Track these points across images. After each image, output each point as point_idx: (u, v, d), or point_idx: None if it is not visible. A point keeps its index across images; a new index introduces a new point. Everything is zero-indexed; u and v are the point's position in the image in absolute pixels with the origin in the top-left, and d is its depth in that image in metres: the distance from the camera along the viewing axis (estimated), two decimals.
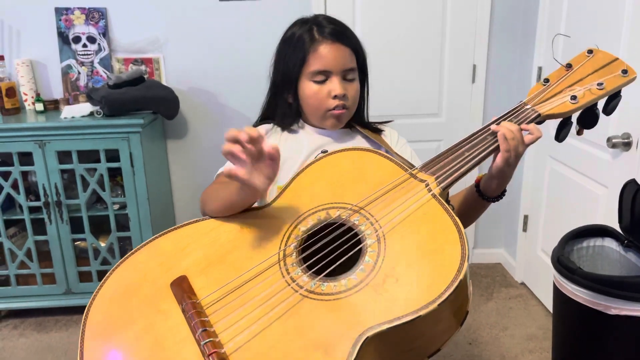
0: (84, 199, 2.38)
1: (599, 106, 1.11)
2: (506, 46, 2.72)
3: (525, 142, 1.05)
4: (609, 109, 1.11)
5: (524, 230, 2.74)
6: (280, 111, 1.29)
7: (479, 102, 2.78)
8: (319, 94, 1.21)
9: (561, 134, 1.13)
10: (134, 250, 1.03)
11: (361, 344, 0.82)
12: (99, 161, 2.34)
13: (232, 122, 2.70)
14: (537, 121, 1.09)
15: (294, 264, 0.97)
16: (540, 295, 2.62)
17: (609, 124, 1.91)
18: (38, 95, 2.57)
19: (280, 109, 1.29)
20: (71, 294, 2.50)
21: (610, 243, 1.55)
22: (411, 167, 1.10)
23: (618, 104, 1.11)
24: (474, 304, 2.61)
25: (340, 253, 0.96)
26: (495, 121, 1.09)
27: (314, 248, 0.99)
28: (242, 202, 1.04)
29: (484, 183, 1.14)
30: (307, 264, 0.97)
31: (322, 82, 1.20)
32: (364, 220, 1.00)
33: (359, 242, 0.97)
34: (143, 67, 2.65)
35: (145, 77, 2.55)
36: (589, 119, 1.11)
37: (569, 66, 1.13)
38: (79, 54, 2.60)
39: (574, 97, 1.07)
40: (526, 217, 2.72)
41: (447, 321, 0.91)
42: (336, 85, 1.19)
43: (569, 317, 1.49)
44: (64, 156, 2.34)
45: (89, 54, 2.60)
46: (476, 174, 1.19)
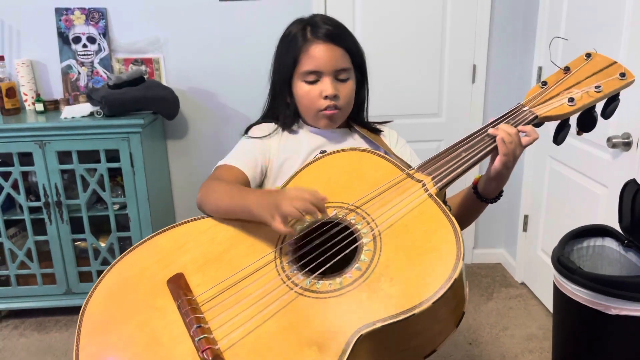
0: (84, 199, 2.38)
1: (598, 109, 1.11)
2: (506, 46, 2.72)
3: (522, 144, 1.05)
4: (608, 112, 1.11)
5: (524, 230, 2.73)
6: (280, 111, 1.30)
7: (479, 102, 2.78)
8: (310, 94, 1.21)
9: (559, 137, 1.13)
10: (132, 248, 1.04)
11: (355, 342, 0.82)
12: (99, 161, 2.34)
13: (232, 122, 2.70)
14: (535, 123, 1.09)
15: (290, 262, 0.98)
16: (541, 295, 2.61)
17: (609, 124, 1.90)
18: (38, 95, 2.57)
19: (280, 109, 1.29)
20: (71, 294, 2.50)
21: (610, 243, 1.55)
22: (408, 167, 1.10)
23: (616, 108, 1.11)
24: (474, 304, 2.60)
25: (335, 252, 0.96)
26: (493, 123, 1.09)
27: (310, 246, 0.99)
28: (245, 218, 1.04)
29: (482, 185, 1.14)
30: (303, 262, 0.97)
31: (313, 83, 1.21)
32: (360, 220, 1.00)
33: (354, 240, 0.97)
34: (143, 68, 2.65)
35: (146, 77, 2.55)
36: (587, 122, 1.12)
37: (566, 69, 1.13)
38: (79, 54, 2.60)
39: (571, 100, 1.07)
40: (526, 217, 2.71)
41: (443, 321, 0.91)
42: (327, 85, 1.19)
43: (569, 317, 1.49)
44: (64, 156, 2.34)
45: (89, 54, 2.61)
46: (473, 174, 1.19)
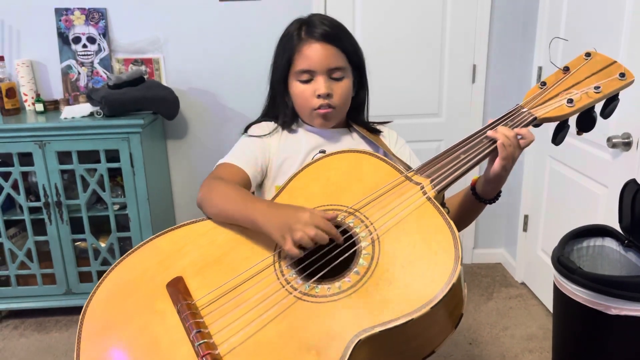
0: (84, 199, 2.38)
1: (597, 109, 1.11)
2: (506, 46, 2.72)
3: (521, 147, 1.05)
4: (607, 113, 1.10)
5: (524, 230, 2.73)
6: (279, 111, 1.30)
7: (479, 102, 2.78)
8: (304, 93, 1.22)
9: (558, 138, 1.13)
10: (131, 250, 1.04)
11: (353, 347, 0.82)
12: (99, 161, 2.34)
13: (232, 122, 2.70)
14: (534, 124, 1.09)
15: (289, 266, 0.97)
16: (541, 295, 2.61)
17: (609, 123, 1.90)
18: (38, 95, 2.57)
19: (279, 108, 1.30)
20: (71, 294, 2.51)
21: (610, 243, 1.55)
22: (407, 169, 1.09)
23: (616, 108, 1.10)
24: (474, 304, 2.60)
25: (334, 255, 0.96)
26: (492, 124, 1.08)
27: (309, 250, 0.99)
28: (247, 227, 1.04)
29: (480, 186, 1.14)
30: (302, 266, 0.97)
31: (307, 82, 1.21)
32: (359, 223, 1.00)
33: (353, 244, 0.97)
34: (143, 68, 2.65)
35: (145, 77, 2.55)
36: (586, 123, 1.11)
37: (566, 69, 1.12)
38: (79, 55, 2.60)
39: (570, 101, 1.07)
40: (526, 217, 2.71)
41: (441, 323, 0.91)
42: (320, 84, 1.19)
43: (569, 317, 1.49)
44: (64, 156, 2.34)
45: (89, 55, 2.61)
46: (472, 176, 1.19)
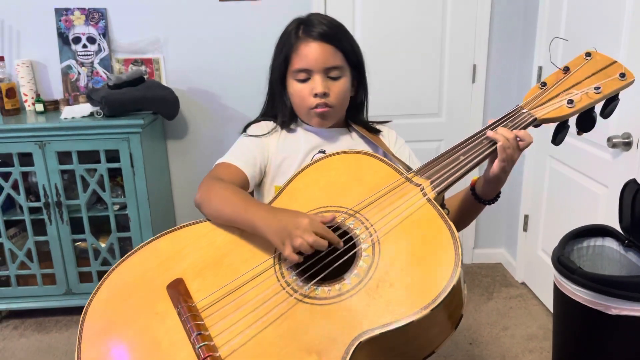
0: (84, 199, 2.38)
1: (597, 109, 1.11)
2: (506, 46, 2.72)
3: (520, 148, 1.05)
4: (606, 113, 1.10)
5: (525, 230, 2.73)
6: (278, 110, 1.30)
7: (479, 102, 2.77)
8: (301, 93, 1.22)
9: (558, 138, 1.12)
10: (131, 252, 1.04)
11: (354, 349, 0.82)
12: (99, 162, 2.34)
13: (232, 122, 2.69)
14: (534, 125, 1.08)
15: (290, 268, 0.97)
16: (541, 295, 2.61)
17: (609, 123, 1.90)
18: (38, 95, 2.57)
19: (278, 108, 1.29)
20: (71, 294, 2.50)
21: (610, 243, 1.55)
22: (407, 170, 1.09)
23: (615, 108, 1.10)
24: (474, 304, 2.60)
25: (335, 257, 0.96)
26: (492, 125, 1.08)
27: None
28: (246, 230, 1.05)
29: (480, 187, 1.14)
30: (302, 268, 0.97)
31: (304, 81, 1.21)
32: (359, 225, 1.00)
33: (353, 246, 0.97)
34: (143, 68, 2.65)
35: (145, 77, 2.55)
36: (586, 123, 1.11)
37: (566, 69, 1.12)
38: (79, 55, 2.60)
39: (570, 101, 1.06)
40: (526, 217, 2.71)
41: (441, 325, 0.91)
42: (317, 83, 1.19)
43: (569, 317, 1.49)
44: (64, 157, 2.34)
45: (89, 55, 2.60)
46: (471, 176, 1.19)
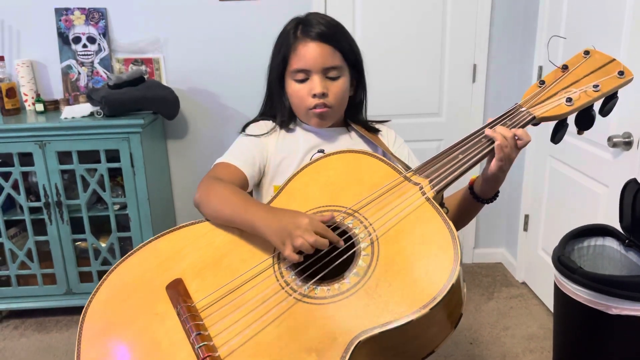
0: (84, 199, 2.38)
1: (596, 107, 1.11)
2: (507, 45, 2.71)
3: (518, 147, 1.05)
4: (605, 111, 1.10)
5: (525, 229, 2.73)
6: (276, 110, 1.30)
7: (479, 101, 2.77)
8: (300, 93, 1.21)
9: (557, 136, 1.12)
10: (131, 252, 1.04)
11: (353, 348, 0.82)
12: (99, 161, 2.34)
13: (233, 122, 2.68)
14: (533, 124, 1.08)
15: (288, 268, 0.97)
16: (541, 294, 2.61)
17: (609, 123, 1.90)
18: (38, 95, 2.57)
19: (277, 107, 1.29)
20: (72, 294, 2.50)
21: (611, 242, 1.55)
22: (406, 169, 1.09)
23: (614, 106, 1.10)
24: (474, 303, 2.60)
25: (334, 257, 0.96)
26: (490, 124, 1.08)
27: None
28: (245, 230, 1.04)
29: (478, 186, 1.14)
30: (302, 267, 0.97)
31: (303, 81, 1.20)
32: (358, 224, 1.00)
33: (352, 245, 0.97)
34: (143, 68, 2.64)
35: (146, 77, 2.55)
36: (584, 121, 1.11)
37: (564, 67, 1.12)
38: (79, 55, 2.60)
39: (569, 100, 1.06)
40: (527, 217, 2.71)
41: (440, 324, 0.91)
42: (315, 83, 1.19)
43: (569, 317, 1.49)
44: (64, 156, 2.34)
45: (89, 55, 2.60)
46: (470, 175, 1.19)
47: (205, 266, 1.00)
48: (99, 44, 2.59)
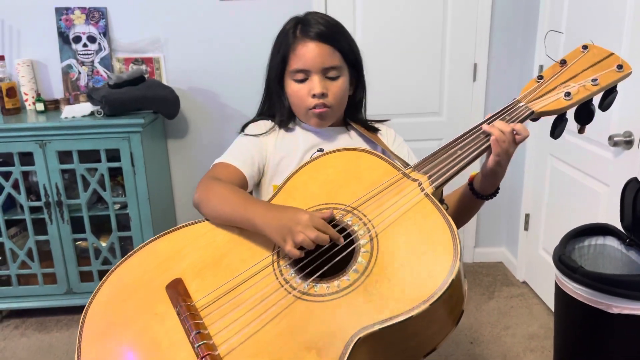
0: (84, 198, 2.38)
1: (595, 102, 1.10)
2: (507, 45, 2.71)
3: (516, 142, 1.04)
4: (605, 105, 1.09)
5: (526, 229, 2.73)
6: (275, 109, 1.29)
7: (480, 101, 2.77)
8: (299, 93, 1.21)
9: (556, 131, 1.12)
10: (131, 253, 1.04)
11: (353, 345, 0.82)
12: (99, 161, 2.34)
13: (233, 121, 2.67)
14: (532, 119, 1.08)
15: (288, 266, 0.97)
16: (542, 294, 2.61)
17: (610, 122, 1.90)
18: (38, 95, 2.57)
19: (276, 107, 1.29)
20: (72, 293, 2.50)
21: (611, 242, 1.54)
22: (406, 166, 1.09)
23: (614, 100, 1.09)
24: (475, 303, 2.60)
25: (333, 254, 0.96)
26: (489, 119, 1.08)
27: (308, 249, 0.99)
28: (246, 228, 1.04)
29: (477, 182, 1.13)
30: (301, 265, 0.97)
31: (302, 81, 1.20)
32: (357, 221, 1.00)
33: (352, 242, 0.97)
34: (143, 67, 2.64)
35: (146, 76, 2.55)
36: (584, 115, 1.10)
37: (563, 62, 1.12)
38: (79, 54, 2.60)
39: (568, 94, 1.06)
40: (527, 216, 2.70)
41: (442, 321, 0.91)
42: (315, 84, 1.18)
43: (570, 316, 1.48)
44: (64, 156, 2.34)
45: (90, 54, 2.60)
46: (471, 171, 1.18)
47: (205, 266, 1.00)
48: (99, 43, 2.59)
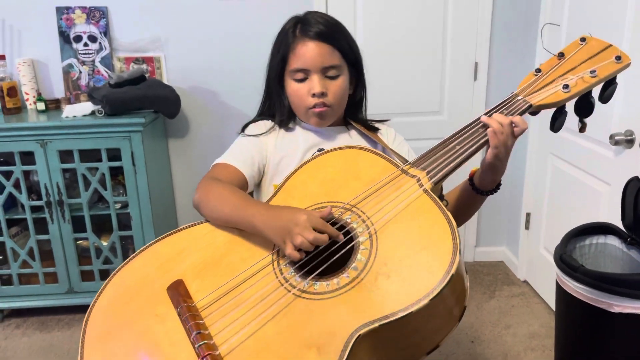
0: (85, 198, 2.38)
1: (595, 94, 1.09)
2: (508, 43, 2.71)
3: (515, 135, 1.04)
4: (605, 97, 1.08)
5: (526, 228, 2.73)
6: (275, 109, 1.29)
7: (480, 100, 2.77)
8: (299, 92, 1.21)
9: (556, 124, 1.10)
10: (133, 256, 1.04)
11: (353, 342, 0.82)
12: (100, 160, 2.34)
13: (234, 120, 2.67)
14: (530, 112, 1.07)
15: (288, 264, 0.97)
16: (543, 293, 2.60)
17: (611, 121, 1.90)
18: (39, 94, 2.57)
19: (276, 107, 1.29)
20: (73, 293, 2.51)
21: (612, 241, 1.54)
22: (405, 162, 1.09)
23: (614, 92, 1.08)
24: (476, 302, 2.60)
25: (333, 252, 0.96)
26: (487, 113, 1.07)
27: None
28: (245, 230, 1.04)
29: (478, 177, 1.13)
30: (300, 263, 0.97)
31: (302, 80, 1.20)
32: (356, 218, 1.00)
33: (351, 240, 0.97)
34: (144, 66, 2.64)
35: (147, 76, 2.55)
36: (584, 108, 1.09)
37: (561, 55, 1.11)
38: (80, 53, 2.60)
39: (566, 86, 1.05)
40: (528, 215, 2.70)
41: (443, 317, 0.90)
42: (315, 83, 1.18)
43: (571, 315, 1.48)
44: (65, 155, 2.34)
45: (90, 53, 2.61)
46: (471, 167, 1.18)
47: (205, 266, 1.00)
48: (100, 42, 2.60)
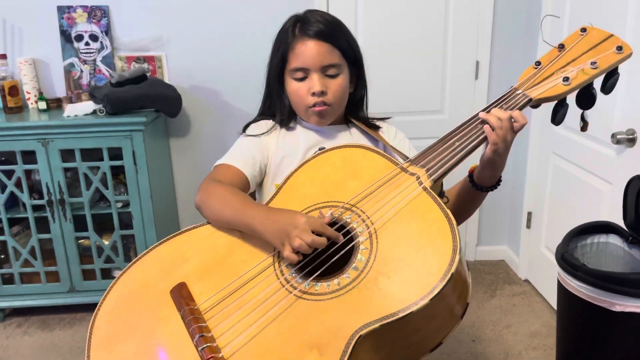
0: (87, 197, 2.38)
1: (597, 86, 1.08)
2: (509, 42, 2.70)
3: (514, 130, 1.03)
4: (607, 88, 1.07)
5: (528, 227, 2.72)
6: (276, 109, 1.29)
7: (482, 98, 2.76)
8: (299, 91, 1.21)
9: (557, 117, 1.09)
10: (135, 260, 1.05)
11: (354, 343, 0.82)
12: (102, 159, 2.34)
13: (235, 120, 2.68)
14: (531, 106, 1.06)
15: (288, 265, 0.97)
16: (544, 292, 2.60)
17: (613, 120, 1.89)
18: (41, 93, 2.57)
19: (276, 106, 1.29)
20: (75, 292, 2.50)
21: (614, 240, 1.54)
22: (405, 159, 1.08)
23: (616, 83, 1.07)
24: (477, 301, 2.60)
25: (333, 252, 0.96)
26: (486, 108, 1.06)
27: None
28: (246, 232, 1.04)
29: (478, 173, 1.12)
30: (301, 264, 0.97)
31: (302, 79, 1.20)
32: (356, 218, 0.99)
33: (351, 240, 0.97)
34: (145, 65, 2.64)
35: (148, 75, 2.55)
36: (585, 100, 1.08)
37: (561, 47, 1.09)
38: (81, 52, 2.60)
39: (566, 79, 1.03)
40: (530, 214, 2.70)
41: (445, 315, 0.90)
42: (314, 82, 1.18)
43: (573, 314, 1.48)
44: (67, 154, 2.35)
45: (92, 52, 2.61)
46: (470, 163, 1.17)
47: (207, 269, 1.00)
48: (101, 41, 2.60)
